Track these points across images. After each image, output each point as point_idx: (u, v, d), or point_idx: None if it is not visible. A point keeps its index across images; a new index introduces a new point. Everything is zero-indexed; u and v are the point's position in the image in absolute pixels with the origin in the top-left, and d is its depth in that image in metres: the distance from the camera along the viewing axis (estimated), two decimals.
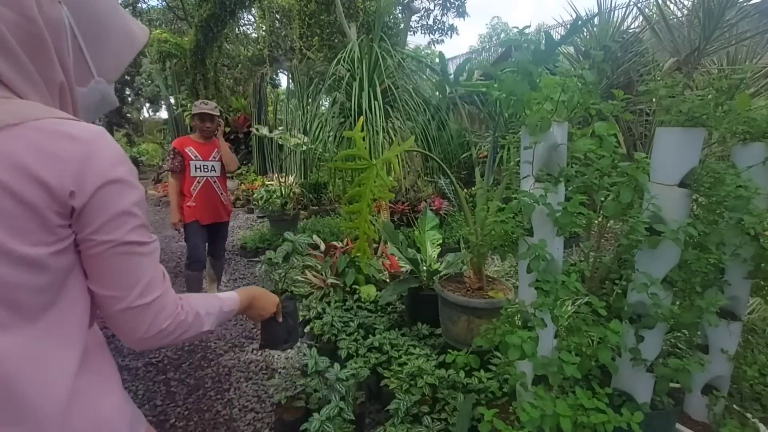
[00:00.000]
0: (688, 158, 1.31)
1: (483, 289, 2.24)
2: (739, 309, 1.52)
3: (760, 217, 1.21)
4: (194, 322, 0.74)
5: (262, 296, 1.00)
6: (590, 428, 1.15)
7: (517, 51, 1.55)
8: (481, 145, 5.98)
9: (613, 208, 1.33)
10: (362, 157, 2.09)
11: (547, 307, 1.24)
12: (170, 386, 2.40)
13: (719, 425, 1.43)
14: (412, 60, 4.99)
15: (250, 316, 0.99)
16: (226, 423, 2.09)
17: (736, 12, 3.40)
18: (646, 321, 1.36)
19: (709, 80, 3.02)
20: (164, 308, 0.68)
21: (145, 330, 0.66)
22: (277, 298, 1.06)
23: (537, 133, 1.35)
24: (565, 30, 2.53)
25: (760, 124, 1.32)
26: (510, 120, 4.29)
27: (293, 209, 5.13)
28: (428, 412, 1.75)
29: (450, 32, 15.55)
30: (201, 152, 3.08)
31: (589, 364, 1.32)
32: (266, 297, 1.02)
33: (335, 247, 3.41)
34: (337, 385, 1.78)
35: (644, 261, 1.38)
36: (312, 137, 4.60)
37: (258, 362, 2.62)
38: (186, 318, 0.72)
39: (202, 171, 3.10)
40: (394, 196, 4.57)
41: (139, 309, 0.65)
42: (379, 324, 2.51)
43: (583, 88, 1.42)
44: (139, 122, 21.72)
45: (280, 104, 9.94)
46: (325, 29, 8.41)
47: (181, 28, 15.03)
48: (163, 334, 0.68)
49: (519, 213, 1.48)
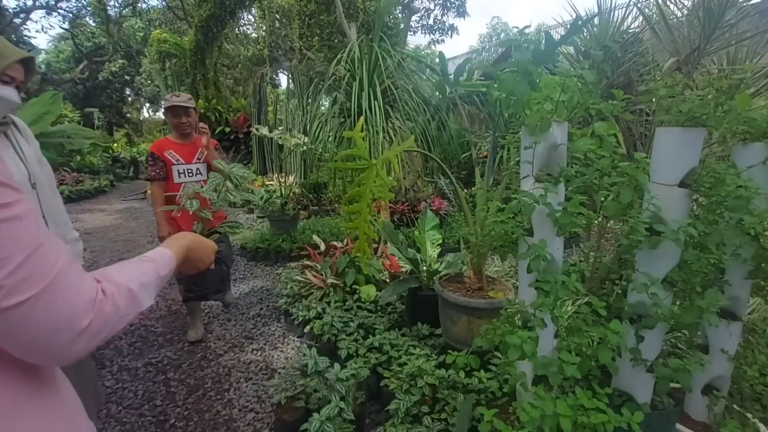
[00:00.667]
0: (688, 158, 1.31)
1: (483, 289, 2.24)
2: (740, 309, 1.52)
3: (760, 217, 1.20)
4: (129, 304, 0.56)
5: (197, 245, 0.85)
6: (590, 428, 1.15)
7: (517, 51, 1.55)
8: (481, 145, 5.98)
9: (613, 208, 1.33)
10: (362, 157, 2.09)
11: (547, 307, 1.24)
12: (170, 386, 2.39)
13: (719, 425, 1.43)
14: (412, 60, 4.99)
15: (184, 270, 0.84)
16: (225, 423, 2.09)
17: (736, 12, 3.40)
18: (647, 321, 1.36)
19: (709, 80, 3.01)
20: (72, 301, 0.47)
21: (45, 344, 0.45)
22: (214, 245, 0.91)
23: (537, 133, 1.35)
24: (565, 30, 2.53)
25: (760, 124, 1.32)
26: (510, 120, 4.29)
27: (293, 209, 5.13)
28: (428, 413, 1.75)
29: (450, 32, 15.56)
30: (182, 155, 2.71)
31: (589, 364, 1.32)
32: (202, 245, 0.87)
33: (335, 247, 3.41)
34: (337, 386, 1.78)
35: (644, 261, 1.38)
36: (312, 137, 4.60)
37: (258, 362, 2.62)
38: (115, 305, 0.53)
39: (187, 176, 2.71)
40: (394, 196, 4.57)
41: (15, 310, 0.43)
42: (379, 324, 2.50)
43: (583, 88, 1.42)
44: (139, 122, 21.73)
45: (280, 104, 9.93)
46: (325, 29, 8.41)
47: (181, 28, 15.04)
48: (84, 340, 0.48)
49: (519, 213, 1.48)
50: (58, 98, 5.46)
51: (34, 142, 1.60)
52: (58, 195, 1.69)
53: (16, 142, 1.47)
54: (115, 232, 6.31)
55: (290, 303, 3.11)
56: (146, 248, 5.37)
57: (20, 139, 1.51)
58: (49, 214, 1.51)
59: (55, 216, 1.56)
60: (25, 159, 1.46)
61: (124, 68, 19.91)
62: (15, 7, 15.20)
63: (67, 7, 15.68)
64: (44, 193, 1.51)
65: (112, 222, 7.01)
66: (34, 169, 1.48)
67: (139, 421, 2.11)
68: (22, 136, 1.53)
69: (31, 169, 1.46)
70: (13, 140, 1.46)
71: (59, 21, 18.90)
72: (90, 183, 10.10)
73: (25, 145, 1.52)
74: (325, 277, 3.12)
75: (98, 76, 19.07)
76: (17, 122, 1.54)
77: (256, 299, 3.63)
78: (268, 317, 3.28)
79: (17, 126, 1.53)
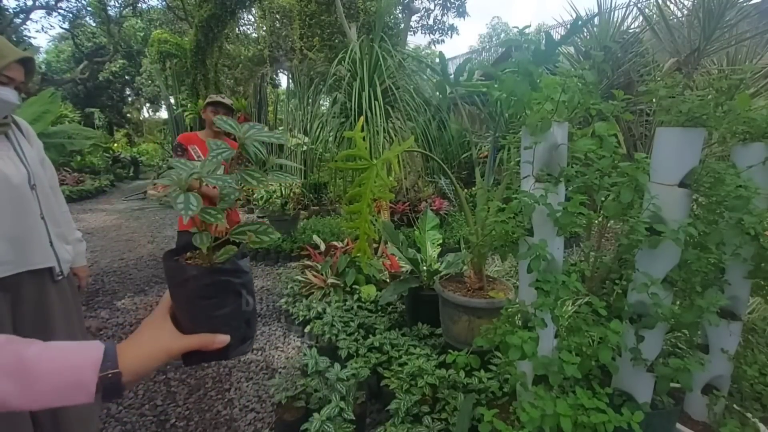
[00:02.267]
0: (688, 158, 1.31)
1: (483, 289, 2.24)
2: (740, 309, 1.52)
3: (760, 217, 1.20)
4: None
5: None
6: (590, 428, 1.15)
7: (517, 51, 1.55)
8: (482, 145, 5.98)
9: (613, 208, 1.33)
10: (362, 157, 2.09)
11: (548, 307, 1.24)
12: (171, 386, 2.40)
13: (719, 425, 1.43)
14: (412, 60, 4.99)
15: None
16: (226, 423, 2.09)
17: (736, 12, 3.41)
18: (647, 321, 1.36)
19: (709, 80, 3.02)
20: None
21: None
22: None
23: (537, 133, 1.35)
24: (565, 30, 2.53)
25: (760, 124, 1.32)
26: (510, 120, 4.29)
27: (293, 209, 5.13)
28: (428, 412, 1.75)
29: (450, 32, 15.54)
30: (205, 151, 2.76)
31: (589, 364, 1.32)
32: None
33: (335, 247, 3.42)
34: (338, 385, 1.78)
35: (644, 261, 1.38)
36: (312, 137, 4.60)
37: (259, 362, 2.62)
38: None
39: None
40: (394, 196, 4.57)
41: None
42: (380, 324, 2.51)
43: (584, 89, 1.42)
44: (139, 122, 21.75)
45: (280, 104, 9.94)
46: (326, 29, 8.42)
47: (182, 28, 15.04)
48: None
49: (519, 213, 1.48)
50: (57, 97, 5.47)
51: (37, 142, 1.60)
52: (61, 195, 1.69)
53: (17, 142, 1.46)
54: (117, 231, 6.32)
55: (291, 303, 3.12)
56: (147, 248, 5.37)
57: (22, 139, 1.50)
58: (49, 215, 1.51)
59: (55, 217, 1.56)
60: (26, 160, 1.45)
61: (125, 68, 19.92)
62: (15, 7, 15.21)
63: (67, 7, 15.67)
64: (45, 194, 1.50)
65: (114, 222, 7.02)
66: (35, 170, 1.48)
67: (140, 421, 2.11)
68: (25, 136, 1.53)
69: (32, 170, 1.46)
70: (14, 141, 1.46)
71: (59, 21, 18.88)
72: (90, 183, 10.12)
73: (27, 145, 1.51)
74: (325, 277, 3.12)
75: (99, 76, 19.08)
76: (20, 123, 1.54)
77: (256, 299, 3.64)
78: (269, 317, 3.28)
79: (20, 126, 1.53)
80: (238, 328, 0.60)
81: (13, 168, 1.40)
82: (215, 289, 0.57)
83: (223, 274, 0.58)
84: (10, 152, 1.42)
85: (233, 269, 0.59)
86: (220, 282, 0.58)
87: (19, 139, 1.49)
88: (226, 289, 0.58)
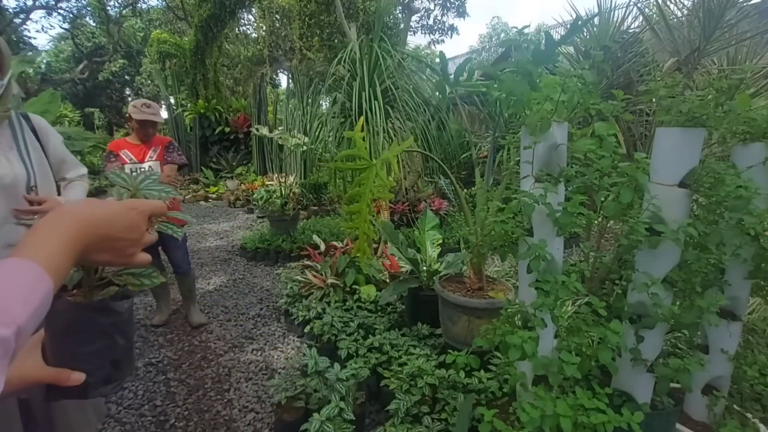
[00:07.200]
0: (688, 158, 1.31)
1: (483, 289, 2.24)
2: (739, 309, 1.52)
3: (760, 217, 1.20)
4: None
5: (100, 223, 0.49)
6: (590, 428, 1.15)
7: (517, 51, 1.55)
8: (481, 145, 5.98)
9: (613, 208, 1.33)
10: (362, 157, 2.09)
11: (548, 307, 1.24)
12: (170, 386, 2.40)
13: (719, 425, 1.43)
14: (412, 60, 4.99)
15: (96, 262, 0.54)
16: (226, 423, 2.09)
17: (736, 12, 3.41)
18: (647, 321, 1.36)
19: (709, 80, 3.02)
20: None
21: None
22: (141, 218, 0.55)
23: (537, 133, 1.35)
24: (565, 30, 2.53)
25: (760, 124, 1.32)
26: (510, 120, 4.29)
27: (293, 209, 5.13)
28: (428, 413, 1.75)
29: (450, 32, 15.56)
30: (135, 154, 2.84)
31: (589, 364, 1.32)
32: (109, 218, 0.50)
33: (335, 247, 3.42)
34: (337, 386, 1.78)
35: (644, 261, 1.38)
36: (312, 137, 4.60)
37: (258, 362, 2.62)
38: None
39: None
40: (393, 196, 4.57)
41: None
42: (379, 324, 2.51)
43: (583, 89, 1.42)
44: None
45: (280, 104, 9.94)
46: (325, 29, 8.41)
47: (181, 28, 15.04)
48: None
49: (519, 213, 1.48)
50: (56, 97, 5.47)
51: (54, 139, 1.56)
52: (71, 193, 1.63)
53: (22, 141, 1.41)
54: None
55: (290, 303, 3.11)
56: None
57: (30, 138, 1.45)
58: None
59: None
60: (29, 160, 1.41)
61: (124, 68, 19.92)
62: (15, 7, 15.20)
63: (67, 7, 15.68)
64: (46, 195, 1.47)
65: None
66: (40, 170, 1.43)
67: (139, 422, 2.11)
68: (38, 135, 1.48)
69: (36, 171, 1.41)
70: (20, 139, 1.41)
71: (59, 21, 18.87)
72: (91, 183, 10.12)
73: (36, 144, 1.46)
74: (325, 277, 3.12)
75: (98, 76, 19.08)
76: (33, 120, 1.49)
77: (256, 299, 3.63)
78: (268, 317, 3.28)
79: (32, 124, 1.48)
80: (101, 367, 0.59)
81: (8, 168, 1.34)
82: (80, 326, 0.58)
83: (89, 311, 0.59)
84: (9, 152, 1.37)
85: (101, 308, 0.59)
86: (85, 319, 0.58)
87: (27, 138, 1.44)
88: (92, 328, 0.58)
